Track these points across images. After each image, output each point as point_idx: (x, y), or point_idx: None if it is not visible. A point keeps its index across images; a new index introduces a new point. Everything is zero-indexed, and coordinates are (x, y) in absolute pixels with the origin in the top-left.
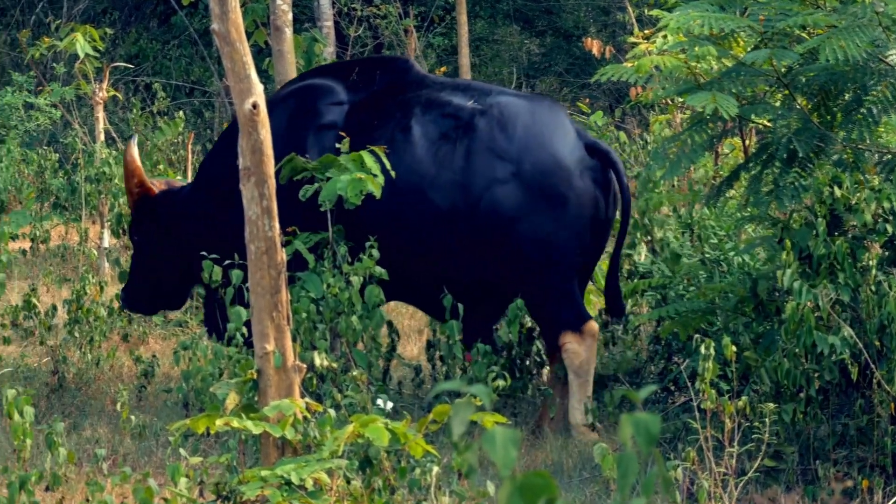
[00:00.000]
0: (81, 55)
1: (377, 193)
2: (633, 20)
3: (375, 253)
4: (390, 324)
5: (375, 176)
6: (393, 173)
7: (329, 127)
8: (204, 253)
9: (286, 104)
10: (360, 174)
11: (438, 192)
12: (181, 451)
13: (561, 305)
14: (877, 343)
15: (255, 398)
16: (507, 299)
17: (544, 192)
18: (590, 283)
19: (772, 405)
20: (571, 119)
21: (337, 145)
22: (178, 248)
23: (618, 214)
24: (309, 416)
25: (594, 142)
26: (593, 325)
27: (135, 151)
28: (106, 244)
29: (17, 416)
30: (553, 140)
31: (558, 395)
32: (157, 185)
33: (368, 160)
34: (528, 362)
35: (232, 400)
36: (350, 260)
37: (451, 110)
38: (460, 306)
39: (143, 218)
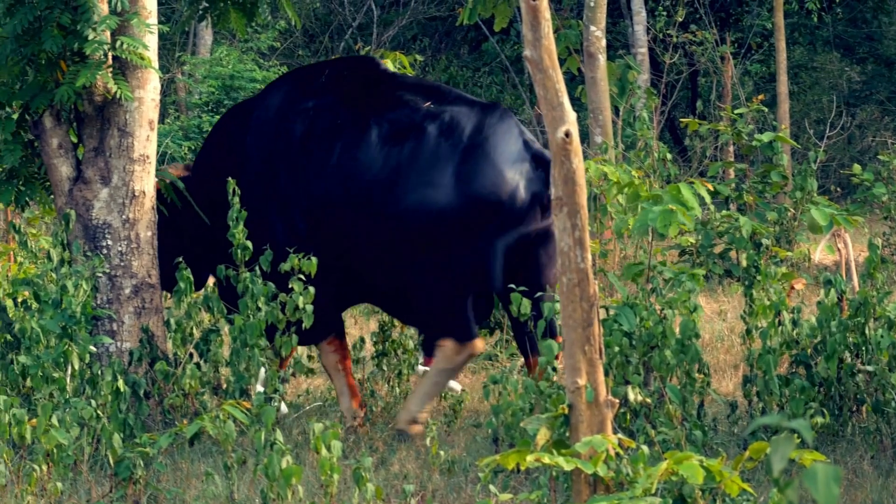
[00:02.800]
0: None
1: (690, 227)
2: None
3: (695, 286)
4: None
5: (690, 209)
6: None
7: (295, 131)
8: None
9: (259, 108)
10: (673, 206)
11: (388, 193)
12: (491, 487)
13: (454, 314)
14: None
15: (567, 434)
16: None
17: (480, 200)
18: None
19: None
20: (522, 129)
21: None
22: (178, 234)
23: None
24: (621, 452)
25: (540, 152)
26: (478, 344)
27: None
28: None
29: (324, 451)
30: (497, 149)
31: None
32: (174, 171)
33: (686, 192)
34: (847, 399)
35: (543, 435)
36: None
37: (406, 112)
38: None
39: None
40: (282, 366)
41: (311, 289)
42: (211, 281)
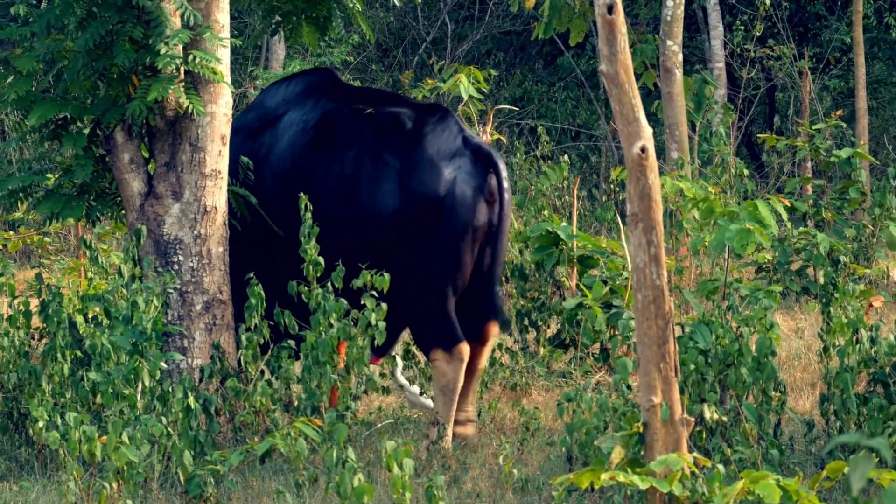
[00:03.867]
0: (465, 97)
1: (767, 245)
2: None
3: (771, 303)
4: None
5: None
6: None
7: (263, 141)
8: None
9: (243, 119)
10: (750, 223)
11: (337, 199)
12: None
13: (432, 321)
14: None
15: (641, 452)
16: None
17: (422, 198)
18: None
19: None
20: (462, 126)
21: None
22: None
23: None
24: (697, 471)
25: (478, 145)
26: (463, 348)
27: None
28: None
29: (396, 469)
30: (434, 145)
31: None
32: None
33: (763, 209)
34: None
35: (617, 454)
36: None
37: (349, 119)
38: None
39: None
40: None
41: (384, 305)
42: None
